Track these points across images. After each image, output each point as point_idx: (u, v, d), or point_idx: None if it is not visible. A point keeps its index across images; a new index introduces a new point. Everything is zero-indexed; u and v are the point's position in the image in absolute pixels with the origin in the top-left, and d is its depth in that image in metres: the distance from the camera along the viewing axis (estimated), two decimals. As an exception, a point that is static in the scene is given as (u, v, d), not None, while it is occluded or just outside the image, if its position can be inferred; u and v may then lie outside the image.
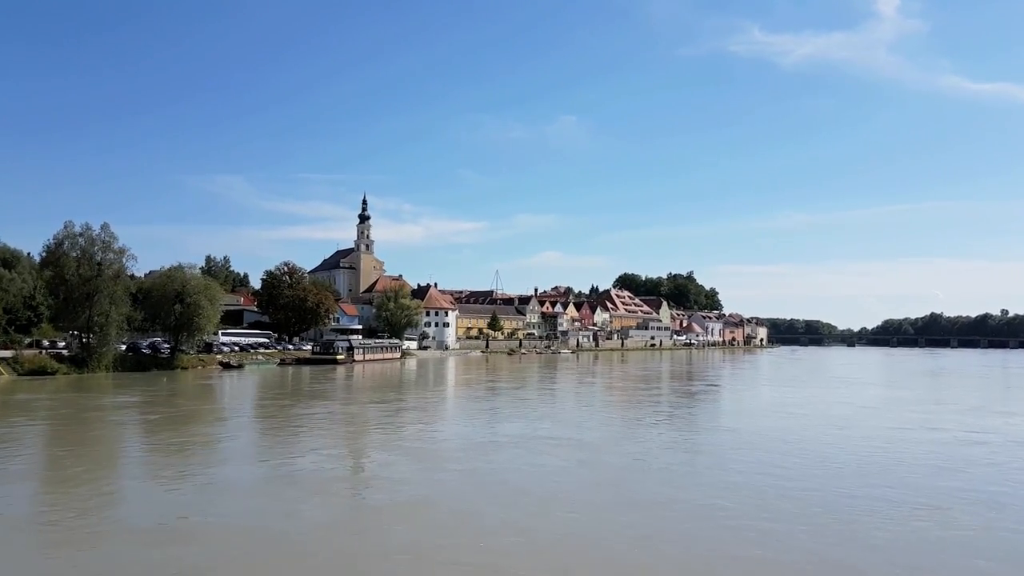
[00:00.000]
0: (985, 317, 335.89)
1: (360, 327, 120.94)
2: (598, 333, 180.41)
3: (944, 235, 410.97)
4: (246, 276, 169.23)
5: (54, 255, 65.91)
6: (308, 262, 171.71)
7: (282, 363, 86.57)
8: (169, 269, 75.24)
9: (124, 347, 77.73)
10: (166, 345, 76.44)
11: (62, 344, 70.98)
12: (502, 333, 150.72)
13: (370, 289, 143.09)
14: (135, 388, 53.02)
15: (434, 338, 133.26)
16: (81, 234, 66.08)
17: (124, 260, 67.54)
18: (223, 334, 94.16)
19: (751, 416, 39.22)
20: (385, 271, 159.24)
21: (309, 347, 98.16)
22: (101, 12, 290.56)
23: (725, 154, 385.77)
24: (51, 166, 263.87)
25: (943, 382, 77.86)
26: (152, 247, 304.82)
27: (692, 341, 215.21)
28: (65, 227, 65.97)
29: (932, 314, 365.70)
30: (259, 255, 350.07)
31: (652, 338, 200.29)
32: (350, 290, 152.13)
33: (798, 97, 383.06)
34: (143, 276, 79.98)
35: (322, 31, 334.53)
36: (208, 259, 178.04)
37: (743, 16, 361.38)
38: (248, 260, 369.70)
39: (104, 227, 66.85)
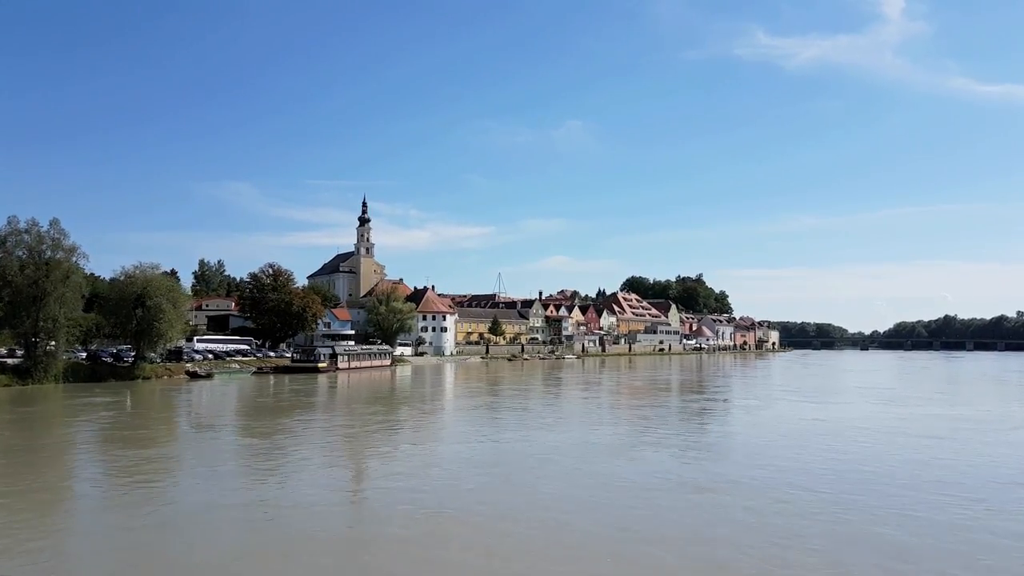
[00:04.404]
0: (1000, 319, 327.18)
1: (352, 332, 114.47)
2: (604, 337, 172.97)
3: (953, 237, 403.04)
4: (242, 281, 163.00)
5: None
6: (315, 269, 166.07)
7: (259, 372, 79.70)
8: (130, 270, 68.37)
9: (84, 355, 71.55)
10: (133, 353, 69.81)
11: (21, 352, 64.36)
12: (504, 338, 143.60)
13: (370, 293, 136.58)
14: (52, 404, 46.63)
15: (431, 343, 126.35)
16: (27, 230, 59.44)
17: (75, 259, 60.68)
18: (199, 340, 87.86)
19: (786, 460, 26.35)
20: (386, 275, 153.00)
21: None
22: (107, 18, 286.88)
23: (732, 157, 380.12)
24: (57, 174, 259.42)
25: (991, 392, 69.43)
26: (159, 254, 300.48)
27: (702, 345, 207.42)
28: (9, 222, 59.48)
29: (946, 316, 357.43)
30: (267, 262, 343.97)
31: (661, 342, 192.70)
32: (350, 294, 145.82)
33: (804, 100, 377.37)
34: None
35: (329, 36, 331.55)
36: (202, 263, 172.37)
37: (748, 19, 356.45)
38: (255, 267, 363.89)
39: (53, 223, 60.26)
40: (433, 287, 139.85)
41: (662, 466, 25.39)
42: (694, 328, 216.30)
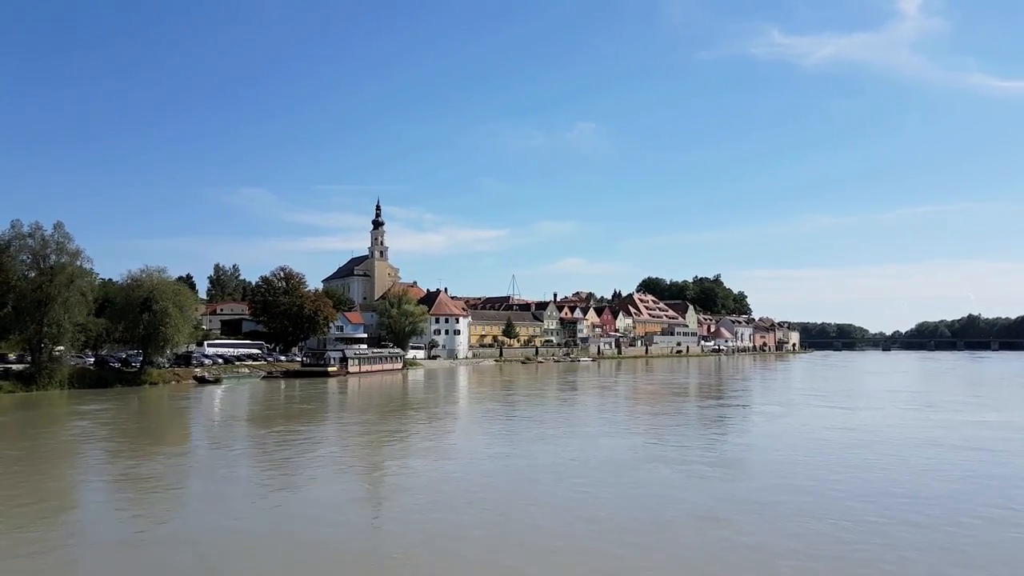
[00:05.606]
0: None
1: (365, 336, 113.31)
2: (620, 339, 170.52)
3: (975, 236, 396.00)
4: (255, 285, 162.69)
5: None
6: (330, 273, 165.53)
7: (268, 376, 78.51)
8: (137, 274, 67.41)
9: (92, 360, 70.73)
10: (141, 359, 68.83)
11: (31, 359, 63.50)
12: (518, 340, 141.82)
13: (384, 297, 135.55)
14: (52, 411, 45.15)
15: (444, 346, 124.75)
16: (31, 234, 58.69)
17: (79, 262, 59.74)
18: (210, 345, 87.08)
19: (817, 480, 23.19)
20: (400, 278, 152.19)
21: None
22: (120, 20, 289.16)
23: (748, 158, 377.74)
24: (70, 179, 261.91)
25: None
26: (176, 259, 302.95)
27: (721, 347, 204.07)
28: (12, 226, 58.86)
29: (970, 316, 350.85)
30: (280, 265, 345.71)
31: (678, 344, 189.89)
32: (364, 298, 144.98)
33: (821, 98, 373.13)
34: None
35: (340, 39, 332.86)
36: (216, 267, 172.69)
37: (763, 19, 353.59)
38: (269, 271, 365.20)
39: (57, 226, 59.64)
40: (446, 289, 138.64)
41: (673, 489, 22.52)
42: (712, 329, 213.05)
